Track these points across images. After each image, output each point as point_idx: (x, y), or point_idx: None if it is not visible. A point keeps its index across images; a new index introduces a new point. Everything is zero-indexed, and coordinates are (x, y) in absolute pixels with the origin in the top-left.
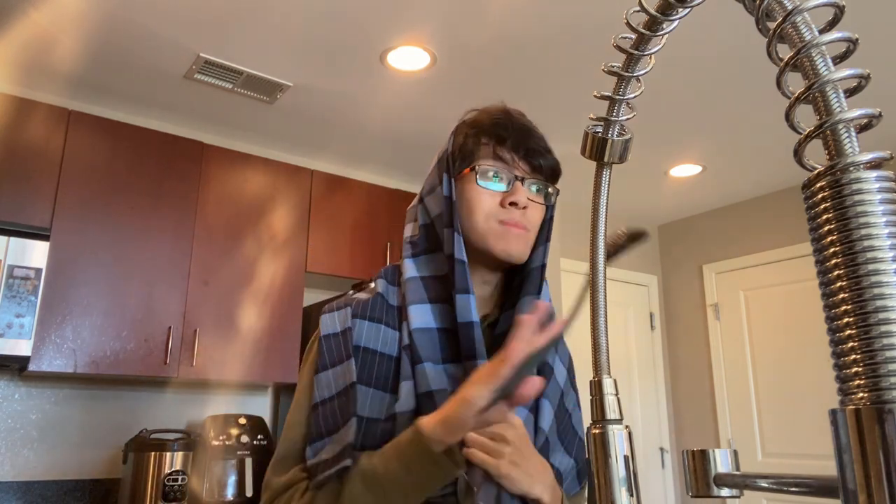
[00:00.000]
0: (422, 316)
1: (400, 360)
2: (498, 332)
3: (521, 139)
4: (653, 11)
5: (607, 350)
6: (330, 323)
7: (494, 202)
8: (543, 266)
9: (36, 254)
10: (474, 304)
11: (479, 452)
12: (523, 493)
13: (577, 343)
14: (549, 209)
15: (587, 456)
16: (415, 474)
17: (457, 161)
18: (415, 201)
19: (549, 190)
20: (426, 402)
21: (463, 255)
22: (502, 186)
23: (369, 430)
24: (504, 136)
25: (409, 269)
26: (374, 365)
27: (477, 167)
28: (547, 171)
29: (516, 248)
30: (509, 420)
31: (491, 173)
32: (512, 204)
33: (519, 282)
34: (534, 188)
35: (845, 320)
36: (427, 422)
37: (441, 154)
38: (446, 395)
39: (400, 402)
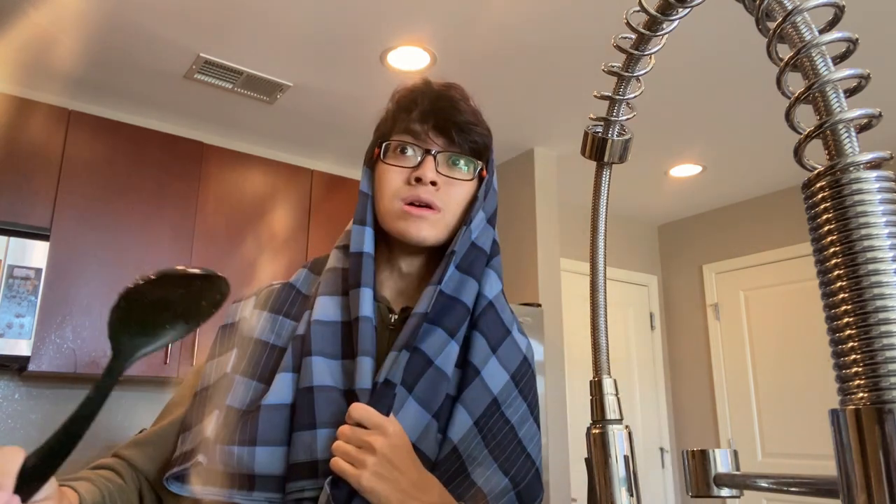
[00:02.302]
0: (326, 308)
1: (284, 350)
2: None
3: (434, 110)
4: (653, 11)
5: (607, 350)
6: (231, 313)
7: (401, 180)
8: (474, 245)
9: (36, 254)
10: (368, 299)
11: (340, 461)
12: None
13: (578, 343)
14: (481, 186)
15: (586, 456)
16: None
17: (374, 145)
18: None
19: (466, 164)
20: (304, 397)
21: (362, 247)
22: (411, 162)
23: (229, 420)
24: (413, 107)
25: (332, 259)
26: (261, 356)
27: (384, 143)
28: (464, 144)
29: (417, 230)
30: (383, 426)
31: (399, 148)
32: (417, 180)
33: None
34: (453, 162)
35: (845, 320)
36: None
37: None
38: (330, 392)
39: (269, 394)
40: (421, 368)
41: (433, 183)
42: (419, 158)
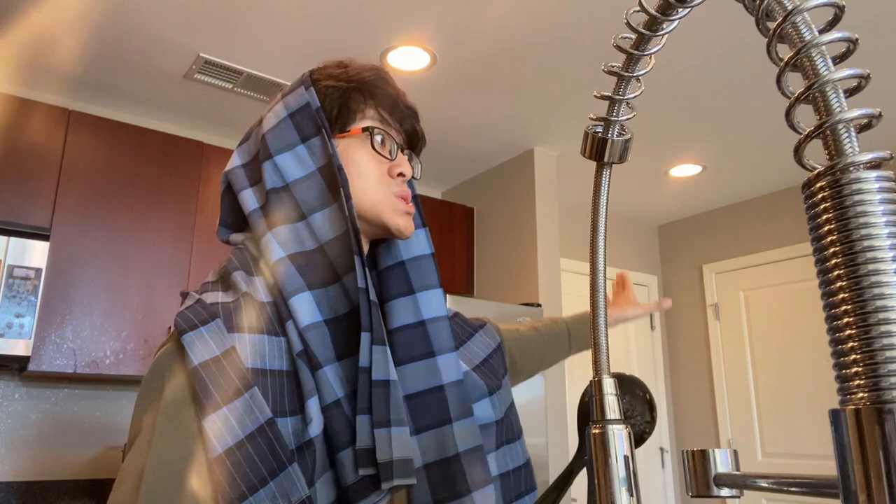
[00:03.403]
0: (307, 309)
1: (296, 372)
2: (395, 323)
3: (401, 103)
4: (653, 11)
5: (607, 350)
6: (202, 346)
7: (382, 171)
8: (433, 255)
9: (36, 254)
10: (371, 281)
11: None
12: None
13: None
14: (412, 185)
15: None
16: None
17: (337, 119)
18: (241, 160)
19: (415, 163)
20: (334, 414)
21: (357, 224)
22: (387, 154)
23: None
24: (387, 98)
25: (273, 247)
26: (268, 389)
27: (370, 129)
28: (421, 141)
29: (409, 224)
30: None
31: (382, 138)
32: (400, 175)
33: (400, 269)
34: (411, 160)
35: (845, 320)
36: None
37: (300, 107)
38: (349, 402)
39: (312, 424)
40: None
41: (407, 179)
42: (392, 153)
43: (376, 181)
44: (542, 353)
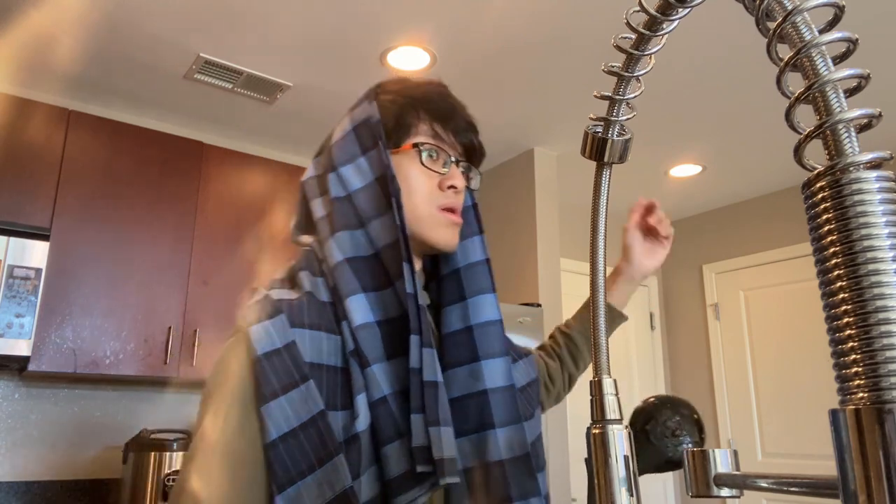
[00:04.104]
0: (361, 310)
1: (348, 370)
2: (464, 328)
3: (457, 117)
4: (653, 11)
5: (607, 350)
6: (266, 337)
7: (433, 185)
8: (489, 261)
9: (36, 254)
10: (420, 285)
11: None
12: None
13: None
14: (472, 195)
15: (586, 456)
16: None
17: (392, 134)
18: (315, 172)
19: (473, 173)
20: (380, 410)
21: (407, 232)
22: (439, 168)
23: (338, 459)
24: (444, 113)
25: (334, 251)
26: (323, 383)
27: (420, 145)
28: (478, 153)
29: (454, 236)
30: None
31: (433, 154)
32: (451, 187)
33: (454, 277)
34: (467, 171)
35: (845, 320)
36: None
37: (362, 120)
38: (395, 400)
39: (359, 419)
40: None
41: (460, 191)
42: (444, 165)
43: (424, 197)
44: (565, 381)
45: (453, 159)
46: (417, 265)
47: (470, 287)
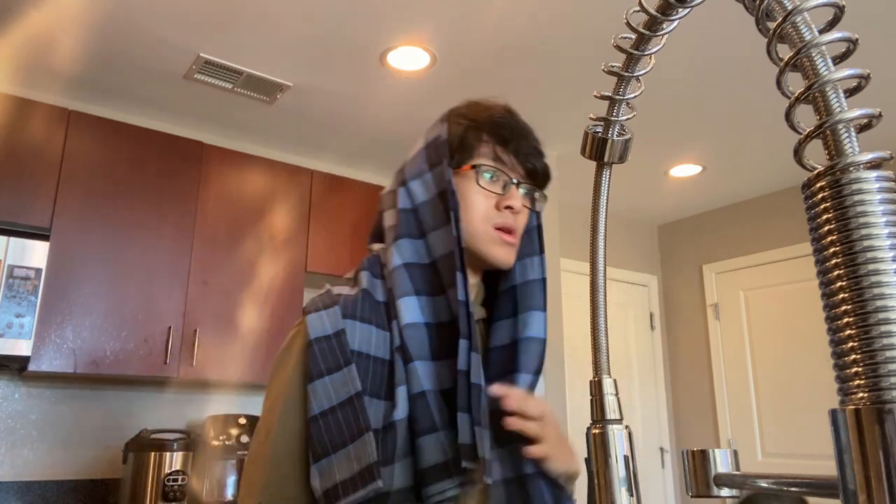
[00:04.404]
0: (411, 310)
1: (393, 363)
2: (511, 342)
3: (521, 141)
4: (653, 11)
5: (607, 350)
6: (319, 324)
7: (490, 204)
8: (545, 280)
9: (36, 254)
10: (471, 294)
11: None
12: (562, 472)
13: (578, 343)
14: (537, 216)
15: (586, 456)
16: None
17: (455, 153)
18: (391, 186)
19: (538, 195)
20: (419, 402)
21: (463, 244)
22: (498, 188)
23: (370, 441)
24: (506, 136)
25: (394, 256)
26: (368, 371)
27: (479, 166)
28: (541, 176)
29: (507, 254)
30: (547, 413)
31: (491, 175)
32: (507, 208)
33: (510, 293)
34: (523, 191)
35: (845, 320)
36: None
37: (432, 139)
38: (434, 396)
39: (397, 409)
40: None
41: (518, 212)
42: (504, 186)
43: (481, 216)
44: None
45: (514, 181)
46: (474, 279)
47: (522, 303)
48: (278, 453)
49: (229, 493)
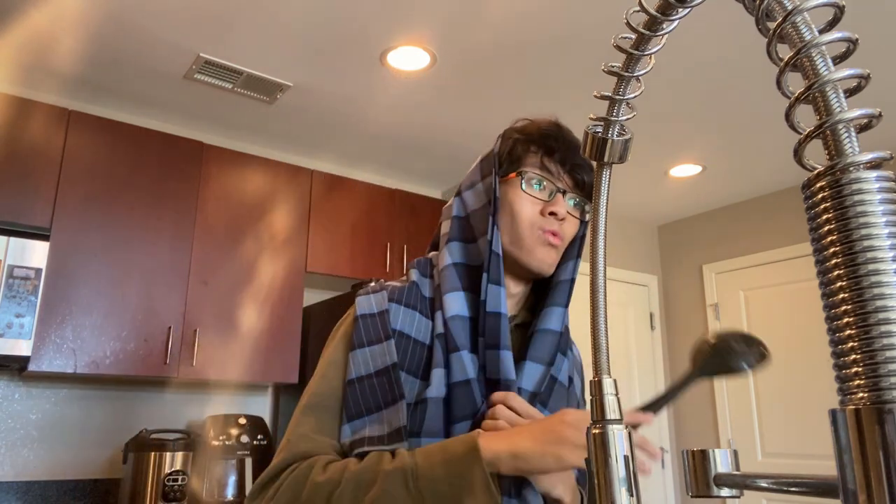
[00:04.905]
0: (456, 303)
1: (432, 348)
2: (529, 334)
3: (568, 153)
4: (653, 11)
5: (607, 350)
6: (366, 304)
7: (535, 210)
8: (573, 280)
9: (36, 254)
10: (504, 297)
11: None
12: (545, 492)
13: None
14: (584, 225)
15: (586, 456)
16: (456, 488)
17: (503, 164)
18: (451, 200)
19: (587, 206)
20: (461, 389)
21: (499, 249)
22: (544, 196)
23: (399, 410)
24: (553, 147)
25: (445, 257)
26: (407, 350)
27: (523, 173)
28: (589, 188)
29: (548, 258)
30: (533, 413)
31: (535, 181)
32: (552, 214)
33: (544, 292)
34: (572, 202)
35: (845, 320)
36: (490, 446)
37: (486, 154)
38: (473, 385)
39: (431, 388)
40: (549, 381)
41: (562, 218)
42: (550, 194)
43: (526, 221)
44: None
45: (560, 189)
46: (517, 287)
47: (550, 300)
48: (315, 404)
49: (229, 492)
